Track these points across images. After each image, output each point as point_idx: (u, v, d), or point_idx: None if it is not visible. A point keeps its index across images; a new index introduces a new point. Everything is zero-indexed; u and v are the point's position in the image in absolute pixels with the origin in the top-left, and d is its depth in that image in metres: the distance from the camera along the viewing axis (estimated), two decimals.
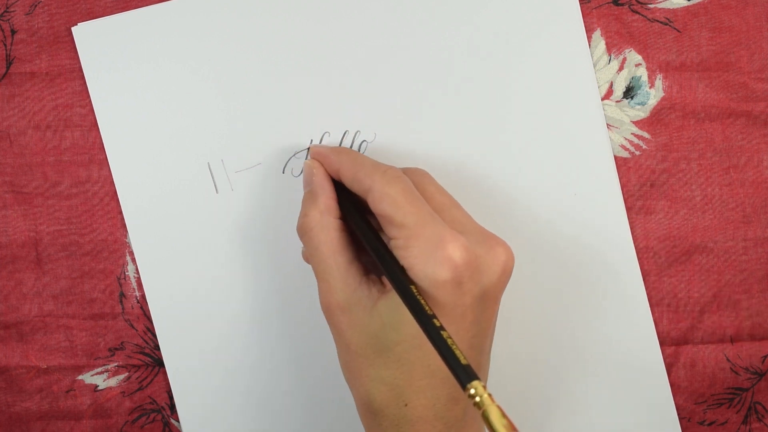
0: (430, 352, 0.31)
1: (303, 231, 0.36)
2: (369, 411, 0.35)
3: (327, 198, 0.36)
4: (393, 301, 0.33)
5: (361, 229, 0.35)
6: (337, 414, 0.43)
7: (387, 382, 0.34)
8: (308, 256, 0.36)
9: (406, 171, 0.37)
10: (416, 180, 0.36)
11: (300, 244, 0.42)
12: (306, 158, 0.40)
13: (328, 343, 0.43)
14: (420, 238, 0.32)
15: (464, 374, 0.28)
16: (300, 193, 0.42)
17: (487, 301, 0.34)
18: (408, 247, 0.33)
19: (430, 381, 0.34)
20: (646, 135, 0.43)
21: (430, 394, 0.34)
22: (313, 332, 0.43)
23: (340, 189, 0.37)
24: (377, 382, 0.34)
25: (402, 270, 0.33)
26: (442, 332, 0.30)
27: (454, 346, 0.29)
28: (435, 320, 0.30)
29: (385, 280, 0.35)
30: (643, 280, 0.43)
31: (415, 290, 0.32)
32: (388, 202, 0.33)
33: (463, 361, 0.29)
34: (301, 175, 0.42)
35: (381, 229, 0.36)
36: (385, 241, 0.35)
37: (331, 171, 0.37)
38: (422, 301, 0.31)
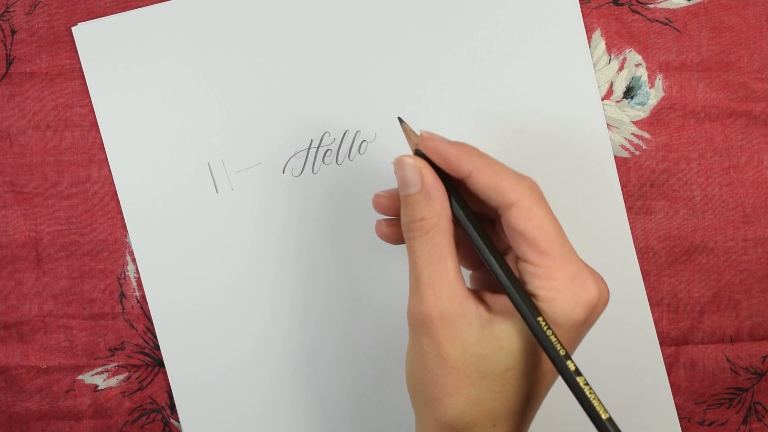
0: (534, 382, 0.32)
1: (418, 233, 0.33)
2: (451, 428, 0.33)
3: (442, 201, 0.33)
4: (516, 327, 0.32)
5: (485, 246, 0.33)
6: (337, 413, 0.43)
7: (485, 404, 0.33)
8: (412, 258, 0.33)
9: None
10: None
11: (302, 244, 0.42)
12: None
13: (328, 343, 0.43)
14: (564, 271, 0.31)
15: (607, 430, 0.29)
16: (300, 194, 0.42)
17: (584, 336, 0.34)
18: (550, 278, 0.31)
19: (525, 409, 0.33)
20: (646, 135, 0.43)
21: (520, 419, 0.33)
22: (313, 331, 0.43)
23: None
24: (474, 402, 0.33)
25: (530, 300, 0.32)
26: (578, 378, 0.30)
27: (592, 396, 0.30)
28: (570, 362, 0.30)
29: (488, 297, 0.34)
30: (643, 280, 0.43)
31: (544, 323, 0.31)
32: (535, 224, 0.32)
33: (604, 416, 0.29)
34: (302, 175, 0.42)
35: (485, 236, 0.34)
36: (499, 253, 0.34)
37: (456, 171, 0.33)
38: (555, 341, 0.31)
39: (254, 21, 0.42)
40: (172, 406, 0.43)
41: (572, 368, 0.30)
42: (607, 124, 0.43)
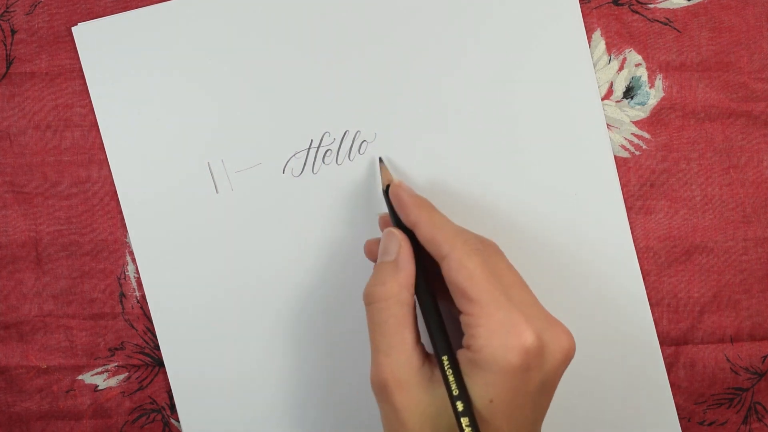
0: None
1: (375, 299, 0.35)
2: None
3: (409, 274, 0.35)
4: None
5: (434, 330, 0.35)
6: (336, 414, 0.43)
7: None
8: (371, 326, 0.35)
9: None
10: (488, 254, 0.35)
11: (302, 244, 0.42)
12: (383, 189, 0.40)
13: (327, 344, 0.43)
14: (492, 319, 0.32)
15: None
16: (300, 194, 0.42)
17: (547, 388, 0.34)
18: (479, 326, 0.32)
19: None
20: (646, 135, 0.43)
21: None
22: (313, 332, 0.43)
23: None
24: None
25: (443, 344, 0.34)
26: (462, 419, 0.31)
27: None
28: (459, 403, 0.32)
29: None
30: (643, 280, 0.43)
31: (447, 363, 0.33)
32: (464, 275, 0.33)
33: None
34: (302, 175, 0.42)
35: (442, 294, 0.36)
36: (444, 310, 0.35)
37: (405, 219, 0.37)
38: (452, 380, 0.32)
39: (254, 21, 0.42)
40: (172, 406, 0.43)
41: (460, 408, 0.32)
42: (607, 124, 0.43)
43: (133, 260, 0.43)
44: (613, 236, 0.43)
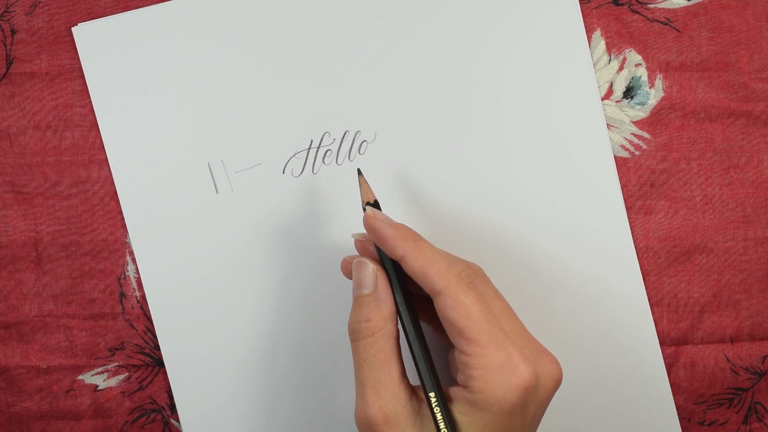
0: None
1: (363, 335, 0.34)
2: None
3: (391, 306, 0.34)
4: None
5: (422, 366, 0.34)
6: (335, 414, 0.43)
7: None
8: (358, 361, 0.34)
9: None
10: (479, 284, 0.35)
11: (302, 244, 0.42)
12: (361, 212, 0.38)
13: (327, 343, 0.43)
14: (492, 359, 0.32)
15: None
16: (300, 194, 0.42)
17: (538, 416, 0.34)
18: (478, 368, 0.32)
19: None
20: (646, 135, 0.43)
21: None
22: (312, 331, 0.43)
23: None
24: None
25: (431, 379, 0.33)
26: None
27: None
28: None
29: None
30: (643, 280, 0.43)
31: (434, 401, 0.33)
32: (461, 313, 0.32)
33: None
34: (302, 175, 0.42)
35: (424, 318, 0.35)
36: (429, 335, 0.35)
37: (390, 253, 0.35)
38: (441, 419, 0.32)
39: (254, 21, 0.42)
40: (172, 406, 0.43)
41: None
42: (607, 124, 0.43)
43: (133, 260, 0.43)
44: (613, 236, 0.43)
